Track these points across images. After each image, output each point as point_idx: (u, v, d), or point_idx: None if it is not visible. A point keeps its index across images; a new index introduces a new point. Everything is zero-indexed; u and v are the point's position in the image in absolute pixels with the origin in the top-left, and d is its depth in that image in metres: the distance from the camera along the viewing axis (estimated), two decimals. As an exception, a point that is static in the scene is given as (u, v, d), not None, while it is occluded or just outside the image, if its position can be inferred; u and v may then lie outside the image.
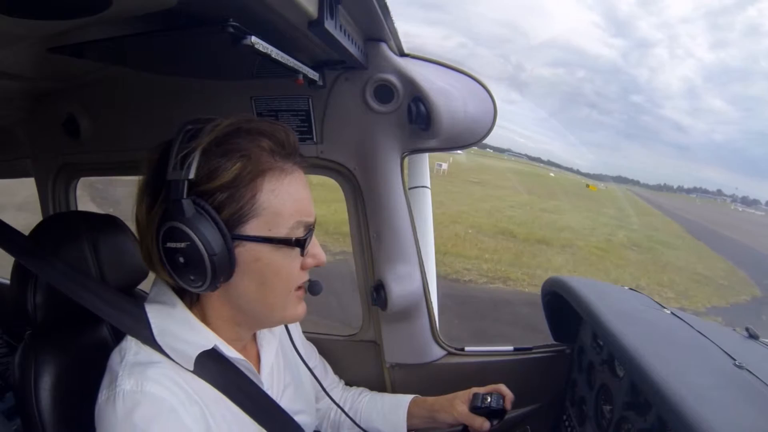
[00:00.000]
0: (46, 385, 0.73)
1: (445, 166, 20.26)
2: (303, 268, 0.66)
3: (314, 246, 0.67)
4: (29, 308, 0.76)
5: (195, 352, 0.63)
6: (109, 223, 0.89)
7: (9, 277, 0.79)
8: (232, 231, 0.58)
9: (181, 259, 0.57)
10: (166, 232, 0.57)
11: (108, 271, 0.84)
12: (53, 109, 1.14)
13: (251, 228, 0.60)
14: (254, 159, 0.59)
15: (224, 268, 0.58)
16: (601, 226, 13.02)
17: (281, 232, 0.61)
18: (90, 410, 0.60)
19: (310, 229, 0.65)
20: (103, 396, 0.59)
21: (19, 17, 0.47)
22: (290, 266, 0.64)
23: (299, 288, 0.67)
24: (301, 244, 0.62)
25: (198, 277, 0.58)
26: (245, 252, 0.60)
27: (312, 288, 0.69)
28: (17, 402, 0.75)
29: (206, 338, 0.65)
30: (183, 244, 0.56)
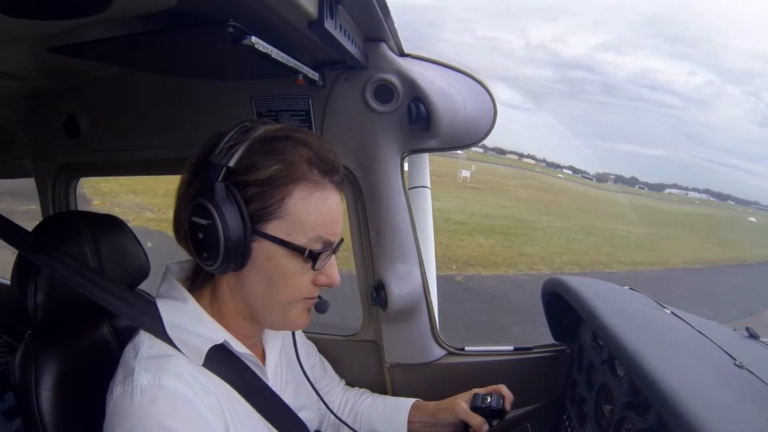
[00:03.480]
0: (46, 385, 0.73)
1: (465, 173, 18.30)
2: (315, 283, 0.67)
3: (331, 266, 0.67)
4: (30, 308, 0.76)
5: (206, 346, 0.65)
6: (109, 223, 0.89)
7: (9, 277, 0.79)
8: (254, 225, 0.61)
9: (201, 235, 0.60)
10: (195, 207, 0.60)
11: (109, 270, 0.84)
12: (53, 109, 1.14)
13: (272, 228, 0.61)
14: (292, 165, 0.61)
15: (236, 256, 0.60)
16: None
17: (299, 241, 0.62)
18: (90, 410, 0.60)
19: (329, 247, 0.65)
20: (118, 390, 0.60)
21: (19, 17, 0.47)
22: (299, 276, 0.64)
23: (306, 300, 0.68)
24: (314, 256, 0.63)
25: (210, 256, 0.60)
26: (260, 248, 0.62)
27: (319, 306, 0.70)
28: (17, 402, 0.75)
29: (217, 332, 0.66)
30: (206, 222, 0.59)
